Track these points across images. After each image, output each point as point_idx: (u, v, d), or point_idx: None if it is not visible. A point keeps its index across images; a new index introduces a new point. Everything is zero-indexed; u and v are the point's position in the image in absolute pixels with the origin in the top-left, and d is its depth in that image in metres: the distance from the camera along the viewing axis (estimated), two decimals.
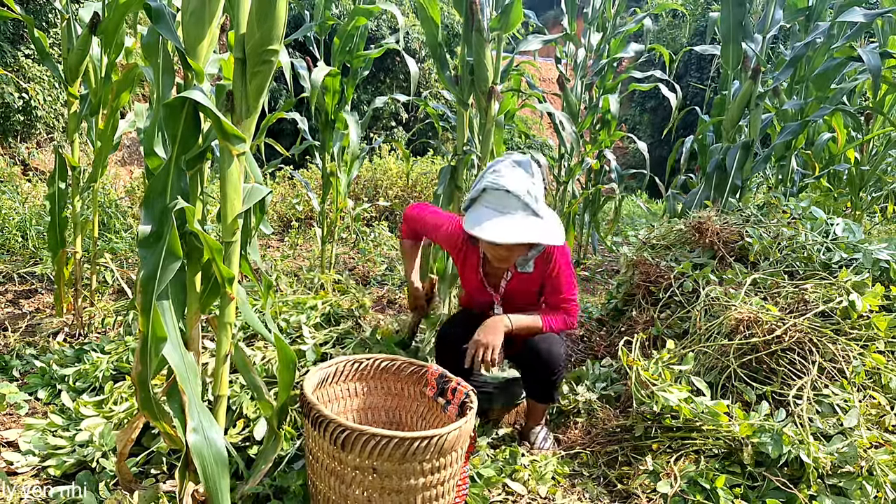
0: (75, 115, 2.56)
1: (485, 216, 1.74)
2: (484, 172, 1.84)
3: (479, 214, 1.76)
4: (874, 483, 1.59)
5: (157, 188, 1.22)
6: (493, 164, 1.84)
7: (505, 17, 2.21)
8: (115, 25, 2.11)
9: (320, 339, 2.39)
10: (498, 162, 1.83)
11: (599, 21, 4.68)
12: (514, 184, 1.74)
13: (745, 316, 2.12)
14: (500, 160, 1.83)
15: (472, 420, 1.54)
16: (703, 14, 13.60)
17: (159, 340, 1.17)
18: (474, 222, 1.75)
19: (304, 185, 3.95)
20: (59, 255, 2.59)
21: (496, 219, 1.73)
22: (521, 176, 1.76)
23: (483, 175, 1.82)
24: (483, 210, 1.76)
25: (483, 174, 1.83)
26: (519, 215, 1.75)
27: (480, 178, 1.82)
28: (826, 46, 3.60)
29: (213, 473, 1.21)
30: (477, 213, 1.77)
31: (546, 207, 1.87)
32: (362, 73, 3.51)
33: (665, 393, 1.91)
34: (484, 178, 1.80)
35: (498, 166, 1.80)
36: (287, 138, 9.11)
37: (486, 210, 1.76)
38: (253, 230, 1.40)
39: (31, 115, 6.72)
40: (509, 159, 1.81)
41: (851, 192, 4.27)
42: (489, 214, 1.74)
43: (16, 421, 2.01)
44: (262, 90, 1.26)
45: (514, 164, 1.79)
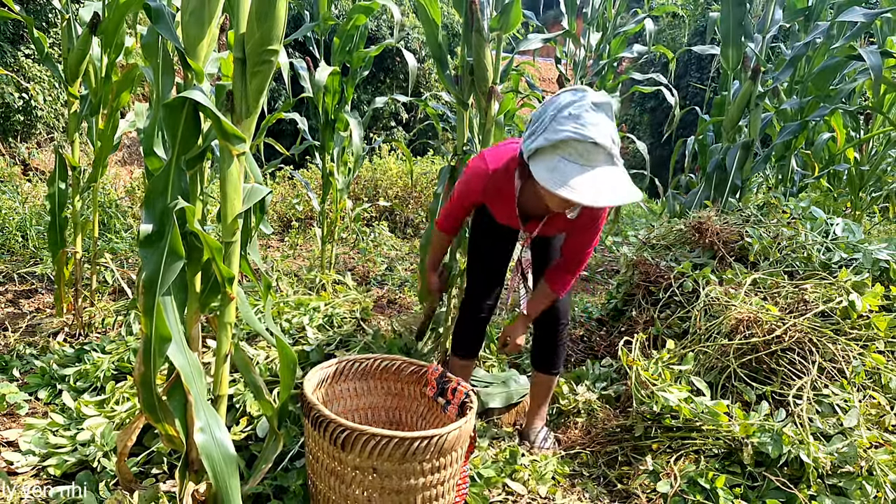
0: (75, 115, 2.56)
1: (569, 172, 1.48)
2: (551, 111, 1.54)
3: (560, 170, 1.49)
4: (874, 483, 1.59)
5: (158, 188, 1.22)
6: (566, 104, 1.52)
7: (505, 18, 2.21)
8: (115, 25, 2.11)
9: (324, 341, 2.40)
10: (571, 103, 1.51)
11: (599, 21, 4.68)
12: (601, 134, 1.47)
13: (745, 316, 2.12)
14: (574, 99, 1.52)
15: (472, 420, 1.54)
16: (703, 14, 13.60)
17: (163, 341, 1.17)
18: (559, 181, 1.48)
19: (304, 185, 3.95)
20: (60, 255, 2.59)
21: (584, 175, 1.48)
22: (605, 122, 1.49)
23: (556, 119, 1.51)
24: (563, 164, 1.50)
25: (553, 115, 1.52)
26: (605, 169, 1.50)
27: (552, 122, 1.52)
28: (826, 46, 3.60)
29: (222, 473, 1.21)
30: (556, 168, 1.50)
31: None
32: (362, 72, 3.51)
33: (665, 393, 1.91)
34: (560, 123, 1.50)
35: (576, 109, 1.50)
36: (287, 138, 9.11)
37: (568, 164, 1.49)
38: (253, 230, 1.40)
39: (31, 115, 6.72)
40: (586, 99, 1.50)
41: (851, 192, 4.28)
42: (573, 170, 1.48)
43: (16, 421, 2.01)
44: (262, 90, 1.26)
45: (594, 108, 1.50)
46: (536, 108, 1.62)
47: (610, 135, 1.49)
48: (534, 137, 1.57)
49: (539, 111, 1.60)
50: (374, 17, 9.86)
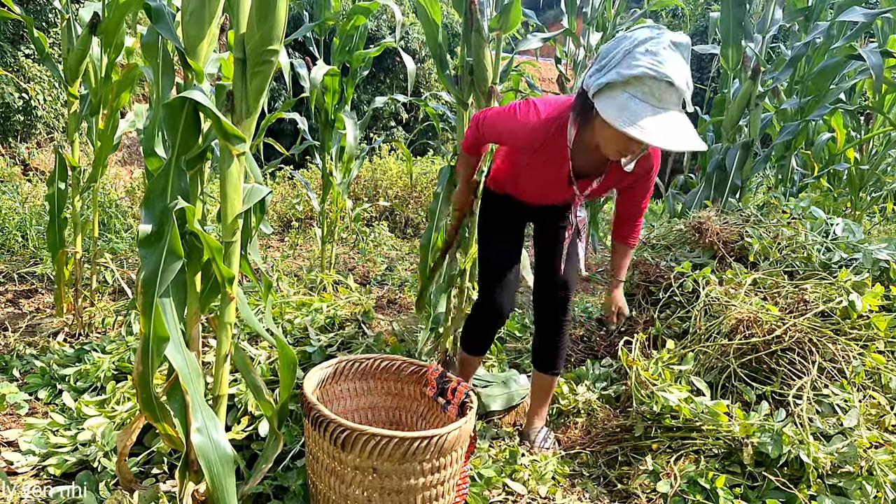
0: (75, 115, 2.56)
1: (640, 112, 1.39)
2: (626, 45, 1.44)
3: (631, 109, 1.41)
4: (874, 483, 1.59)
5: (158, 188, 1.22)
6: (643, 39, 1.42)
7: (504, 18, 2.21)
8: (115, 25, 2.11)
9: (326, 343, 2.40)
10: (649, 39, 1.41)
11: (599, 21, 4.67)
12: (678, 74, 1.38)
13: (745, 316, 2.12)
14: (652, 35, 1.42)
15: (472, 420, 1.54)
16: (703, 14, 13.60)
17: (161, 341, 1.17)
18: (629, 120, 1.39)
19: (304, 185, 3.95)
20: (59, 255, 2.59)
21: (656, 116, 1.39)
22: (682, 63, 1.40)
23: (632, 53, 1.41)
24: (634, 103, 1.41)
25: (628, 49, 1.43)
26: (676, 113, 1.42)
27: (626, 57, 1.42)
28: (826, 46, 3.60)
29: (218, 473, 1.21)
30: (626, 107, 1.41)
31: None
32: (362, 72, 3.51)
33: (665, 393, 1.91)
34: (635, 58, 1.40)
35: (654, 46, 1.40)
36: (287, 138, 9.11)
37: (640, 103, 1.40)
38: (253, 230, 1.40)
39: (31, 115, 6.72)
40: (665, 38, 1.41)
41: (851, 192, 4.28)
42: (644, 109, 1.40)
43: (16, 421, 2.01)
44: (263, 90, 1.26)
45: (672, 46, 1.40)
46: (606, 44, 1.50)
47: (686, 77, 1.41)
48: (604, 72, 1.46)
49: (611, 45, 1.48)
50: (373, 17, 9.87)
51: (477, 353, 2.19)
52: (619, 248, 2.05)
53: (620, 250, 2.06)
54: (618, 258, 2.07)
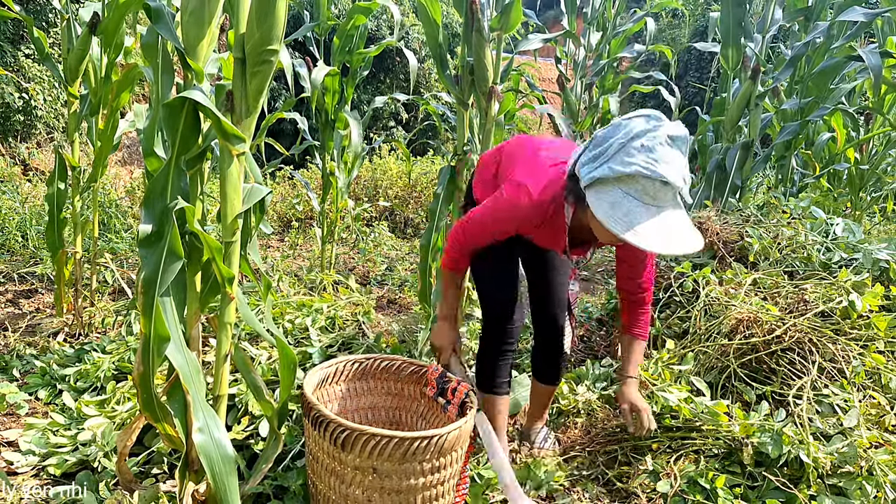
0: (75, 115, 2.56)
1: (634, 213, 1.34)
2: (620, 137, 1.37)
3: (623, 208, 1.35)
4: (874, 483, 1.59)
5: (158, 188, 1.22)
6: (639, 133, 1.35)
7: (505, 18, 2.21)
8: (115, 25, 2.11)
9: (326, 343, 2.40)
10: (645, 132, 1.34)
11: (599, 21, 4.68)
12: (674, 173, 1.32)
13: (745, 316, 2.12)
14: (648, 128, 1.34)
15: (472, 420, 1.54)
16: (703, 14, 13.61)
17: (162, 340, 1.17)
18: (623, 222, 1.34)
19: (304, 185, 3.95)
20: (59, 255, 2.59)
21: (650, 218, 1.34)
22: (678, 159, 1.34)
23: (626, 148, 1.35)
24: (627, 201, 1.35)
25: (622, 143, 1.36)
26: (671, 210, 1.37)
27: (619, 151, 1.36)
28: (826, 46, 3.60)
29: (220, 473, 1.21)
30: (619, 205, 1.36)
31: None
32: (362, 72, 3.51)
33: (665, 393, 1.91)
34: (629, 154, 1.34)
35: (650, 140, 1.33)
36: (287, 138, 9.11)
37: (633, 202, 1.35)
38: (253, 230, 1.40)
39: (31, 115, 6.72)
40: (662, 131, 1.34)
41: (851, 192, 4.28)
42: (638, 210, 1.34)
43: (16, 421, 2.01)
44: (262, 90, 1.26)
45: (669, 141, 1.33)
46: (602, 130, 1.43)
47: (682, 173, 1.34)
48: (596, 164, 1.40)
49: (607, 132, 1.42)
50: (373, 17, 9.87)
51: (502, 391, 1.93)
52: (625, 339, 1.89)
53: (626, 342, 1.88)
54: (624, 352, 1.88)
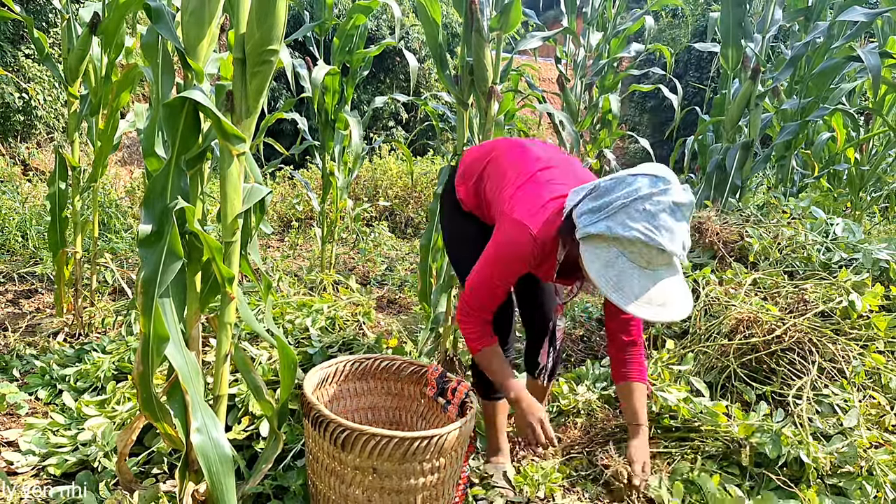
0: (75, 115, 2.56)
1: (628, 276, 1.33)
2: (622, 196, 1.33)
3: (617, 269, 1.34)
4: (874, 483, 1.59)
5: (158, 188, 1.22)
6: (643, 196, 1.31)
7: (505, 17, 2.21)
8: (115, 25, 2.11)
9: (327, 343, 2.40)
10: (650, 196, 1.30)
11: (599, 21, 4.68)
12: (674, 242, 1.30)
13: (745, 316, 2.12)
14: (653, 191, 1.31)
15: (472, 420, 1.54)
16: (703, 14, 13.61)
17: (161, 340, 1.17)
18: (615, 284, 1.33)
19: (304, 185, 3.95)
20: (60, 255, 2.59)
21: (643, 281, 1.33)
22: (680, 227, 1.31)
23: (627, 209, 1.32)
24: (621, 262, 1.34)
25: (624, 203, 1.32)
26: (667, 275, 1.35)
27: (620, 211, 1.32)
28: (826, 46, 3.60)
29: (218, 473, 1.21)
30: (613, 265, 1.34)
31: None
32: (362, 72, 3.52)
33: (663, 393, 1.91)
34: (630, 217, 1.31)
35: (654, 206, 1.30)
36: (287, 138, 9.11)
37: (627, 264, 1.33)
38: (253, 230, 1.40)
39: (31, 115, 6.73)
40: (667, 197, 1.30)
41: (851, 192, 4.28)
42: (632, 273, 1.33)
43: (16, 421, 2.01)
44: (262, 90, 1.26)
45: (673, 209, 1.30)
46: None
47: (682, 240, 1.32)
48: (594, 218, 1.36)
49: (609, 186, 1.37)
50: (373, 17, 9.87)
51: (500, 396, 1.88)
52: (622, 387, 1.75)
53: (624, 390, 1.74)
54: (625, 401, 1.74)
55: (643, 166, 1.39)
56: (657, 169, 1.36)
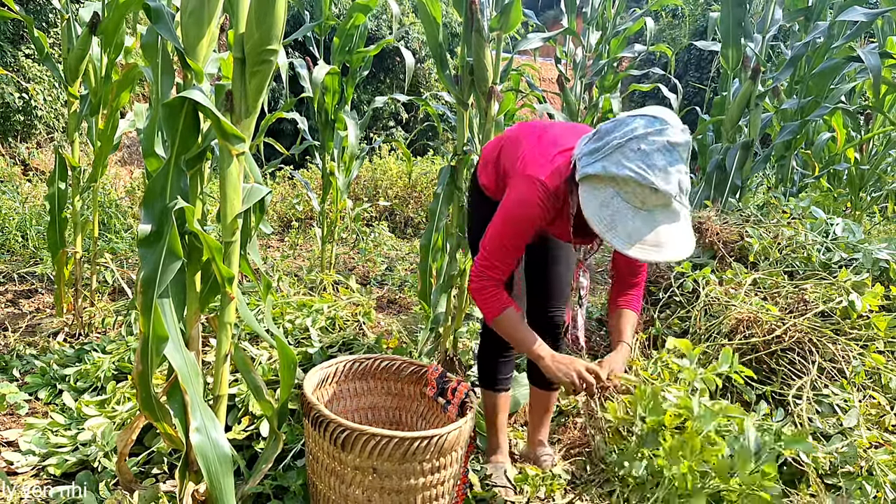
0: (75, 115, 2.56)
1: (621, 213, 1.34)
2: (619, 135, 1.35)
3: (612, 208, 1.35)
4: (874, 483, 1.59)
5: (157, 188, 1.22)
6: (639, 135, 1.32)
7: (504, 17, 2.21)
8: (115, 25, 2.11)
9: (327, 343, 2.40)
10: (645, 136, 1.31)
11: (599, 21, 4.68)
12: (668, 181, 1.30)
13: (745, 316, 2.12)
14: (648, 131, 1.31)
15: (472, 420, 1.54)
16: (703, 14, 13.61)
17: (160, 340, 1.17)
18: (608, 222, 1.35)
19: (304, 185, 3.95)
20: (59, 255, 2.59)
21: (637, 225, 1.34)
22: (675, 167, 1.31)
23: (622, 148, 1.33)
24: (616, 201, 1.35)
25: (620, 142, 1.34)
26: (664, 216, 1.35)
27: (616, 151, 1.34)
28: (826, 46, 3.60)
29: (217, 473, 1.21)
30: (608, 205, 1.35)
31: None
32: (362, 72, 3.51)
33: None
34: (625, 156, 1.32)
35: (648, 145, 1.31)
36: (287, 138, 9.11)
37: (621, 203, 1.34)
38: (253, 230, 1.40)
39: (31, 115, 6.72)
40: (662, 137, 1.30)
41: (851, 192, 4.28)
42: (627, 215, 1.34)
43: (16, 421, 2.01)
44: (262, 90, 1.26)
45: (667, 148, 1.31)
46: (607, 124, 1.40)
47: (678, 180, 1.31)
48: (592, 159, 1.39)
49: (608, 128, 1.40)
50: (373, 17, 9.87)
51: (502, 388, 1.89)
52: (615, 312, 1.77)
53: (616, 314, 1.76)
54: (617, 322, 1.75)
55: (644, 108, 1.39)
56: (656, 110, 1.37)
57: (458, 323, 2.50)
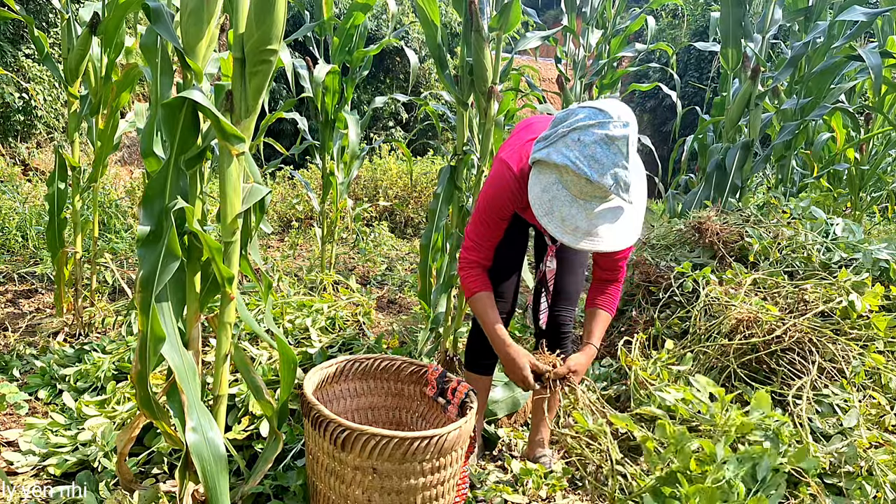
0: (75, 115, 2.56)
1: (558, 199, 1.41)
2: (566, 125, 1.40)
3: (550, 192, 1.42)
4: (874, 483, 1.59)
5: (157, 188, 1.22)
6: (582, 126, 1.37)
7: (504, 17, 2.21)
8: (115, 25, 2.11)
9: (327, 343, 2.40)
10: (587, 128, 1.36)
11: (599, 20, 4.68)
12: (602, 173, 1.35)
13: (745, 316, 2.12)
14: (590, 123, 1.36)
15: (472, 420, 1.54)
16: (703, 14, 13.60)
17: (158, 340, 1.17)
18: (545, 205, 1.42)
19: (304, 185, 3.95)
20: (59, 255, 2.59)
21: (573, 212, 1.41)
22: (612, 160, 1.35)
23: (565, 137, 1.39)
24: (555, 188, 1.42)
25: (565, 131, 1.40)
26: (601, 206, 1.42)
27: (561, 139, 1.40)
28: (826, 46, 3.60)
29: (212, 473, 1.21)
30: (548, 190, 1.43)
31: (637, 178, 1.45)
32: (362, 72, 3.51)
33: (662, 393, 1.91)
34: (566, 145, 1.39)
35: (588, 136, 1.36)
36: (287, 138, 9.11)
37: (561, 190, 1.42)
38: (252, 230, 1.40)
39: (31, 115, 6.72)
40: (602, 130, 1.35)
41: (851, 192, 4.27)
42: (564, 198, 1.41)
43: (16, 421, 2.01)
44: (262, 90, 1.26)
45: (605, 141, 1.35)
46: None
47: (614, 174, 1.35)
48: (541, 145, 1.46)
49: (560, 116, 1.46)
50: (373, 17, 9.86)
51: (486, 372, 2.00)
52: (590, 312, 1.82)
53: (591, 314, 1.81)
54: (588, 322, 1.80)
55: (598, 100, 1.45)
56: (606, 103, 1.41)
57: (458, 323, 2.50)
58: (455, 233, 2.44)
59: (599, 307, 1.81)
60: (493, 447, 2.12)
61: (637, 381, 2.02)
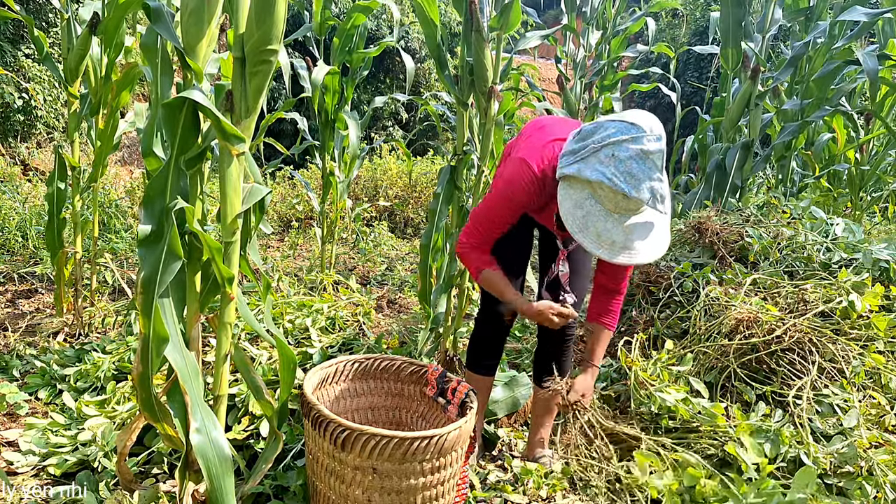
0: (75, 114, 2.56)
1: (592, 214, 1.42)
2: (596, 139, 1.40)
3: (584, 208, 1.42)
4: (874, 483, 1.59)
5: (157, 188, 1.22)
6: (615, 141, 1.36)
7: (504, 17, 2.21)
8: (115, 25, 2.11)
9: (327, 343, 2.40)
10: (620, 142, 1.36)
11: (599, 21, 4.68)
12: (639, 188, 1.35)
13: (745, 316, 2.12)
14: (624, 138, 1.35)
15: (472, 420, 1.54)
16: (703, 14, 13.60)
17: (161, 341, 1.17)
18: (580, 221, 1.42)
19: (304, 185, 3.95)
20: (59, 255, 2.59)
21: (608, 227, 1.41)
22: (647, 173, 1.35)
23: (598, 153, 1.39)
24: (588, 203, 1.42)
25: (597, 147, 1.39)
26: (636, 220, 1.43)
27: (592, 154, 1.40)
28: (826, 46, 3.60)
29: (217, 473, 1.21)
30: (582, 206, 1.43)
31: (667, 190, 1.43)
32: (362, 72, 3.51)
33: (662, 393, 1.91)
34: (599, 160, 1.38)
35: (623, 152, 1.35)
36: (287, 138, 9.10)
37: (594, 205, 1.42)
38: (252, 230, 1.40)
39: (31, 115, 6.72)
40: (637, 145, 1.35)
41: (851, 192, 4.28)
42: (598, 213, 1.41)
43: (16, 421, 2.01)
44: (262, 90, 1.26)
45: (640, 157, 1.34)
46: (590, 124, 1.45)
47: (650, 188, 1.36)
48: (571, 160, 1.45)
49: (588, 129, 1.45)
50: (373, 17, 9.86)
51: (487, 372, 1.99)
52: (593, 328, 1.83)
53: (594, 331, 1.83)
54: (591, 341, 1.84)
55: (626, 112, 1.43)
56: (636, 116, 1.40)
57: (458, 323, 2.50)
58: (455, 233, 2.44)
59: (602, 324, 1.82)
60: (493, 447, 2.12)
61: (637, 382, 2.02)
